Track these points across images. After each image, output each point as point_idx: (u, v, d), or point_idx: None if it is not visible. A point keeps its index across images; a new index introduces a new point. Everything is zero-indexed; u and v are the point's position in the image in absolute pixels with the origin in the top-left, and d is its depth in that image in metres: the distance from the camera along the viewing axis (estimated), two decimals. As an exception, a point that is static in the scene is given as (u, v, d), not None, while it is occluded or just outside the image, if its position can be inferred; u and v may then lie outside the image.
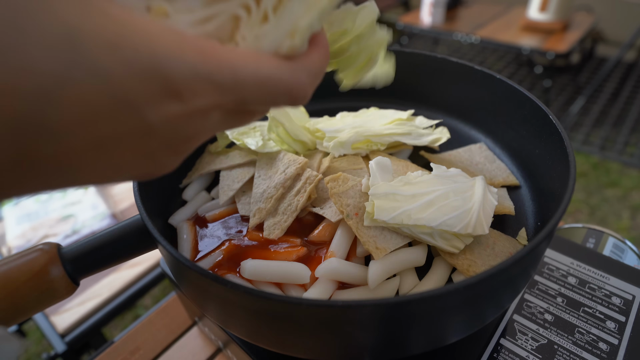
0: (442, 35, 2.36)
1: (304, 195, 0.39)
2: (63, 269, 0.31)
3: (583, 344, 0.39)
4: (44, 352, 0.74)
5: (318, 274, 0.34)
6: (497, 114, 0.49)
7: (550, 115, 0.39)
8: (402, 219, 0.34)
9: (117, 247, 0.33)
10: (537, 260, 0.33)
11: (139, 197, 0.33)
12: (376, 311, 0.25)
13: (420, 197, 0.35)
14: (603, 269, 0.46)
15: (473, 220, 0.34)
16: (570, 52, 2.03)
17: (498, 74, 0.48)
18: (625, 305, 0.43)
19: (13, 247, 0.82)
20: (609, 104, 2.40)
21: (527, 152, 0.45)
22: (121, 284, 0.76)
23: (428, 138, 0.46)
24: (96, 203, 0.91)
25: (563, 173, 0.35)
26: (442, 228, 0.33)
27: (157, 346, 0.51)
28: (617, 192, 1.84)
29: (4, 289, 0.29)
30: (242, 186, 0.43)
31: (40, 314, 0.71)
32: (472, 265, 0.34)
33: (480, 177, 0.38)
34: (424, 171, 0.39)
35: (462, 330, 0.31)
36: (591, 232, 0.55)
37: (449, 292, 0.24)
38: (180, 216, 0.42)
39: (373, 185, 0.37)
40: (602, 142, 2.11)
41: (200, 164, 0.47)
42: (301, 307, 0.25)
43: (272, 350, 0.32)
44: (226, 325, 0.32)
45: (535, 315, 0.42)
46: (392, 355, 0.30)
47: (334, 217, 0.38)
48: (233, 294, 0.26)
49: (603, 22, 2.67)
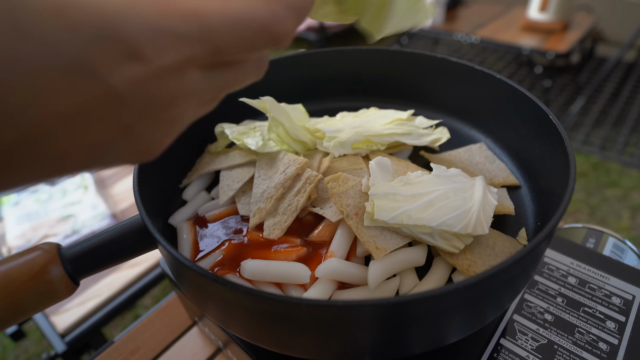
0: (442, 35, 2.36)
1: (304, 195, 0.39)
2: (63, 269, 0.31)
3: (583, 344, 0.39)
4: (44, 352, 0.74)
5: (318, 274, 0.34)
6: (497, 114, 0.49)
7: (550, 115, 0.39)
8: (402, 219, 0.34)
9: (117, 247, 0.33)
10: (537, 260, 0.33)
11: (139, 197, 0.33)
12: (376, 311, 0.25)
13: (420, 197, 0.35)
14: (603, 269, 0.46)
15: (473, 220, 0.34)
16: (570, 52, 2.03)
17: (498, 74, 0.48)
18: (625, 305, 0.43)
19: (13, 247, 0.82)
20: (609, 104, 2.40)
21: (527, 152, 0.45)
22: (121, 284, 0.76)
23: (428, 138, 0.46)
24: (96, 203, 0.91)
25: (563, 173, 0.35)
26: (442, 228, 0.33)
27: (157, 346, 0.51)
28: (617, 192, 1.84)
29: (3, 289, 0.29)
30: (242, 186, 0.43)
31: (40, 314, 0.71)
32: (472, 265, 0.34)
33: (480, 177, 0.38)
34: (424, 171, 0.39)
35: (462, 330, 0.31)
36: (591, 232, 0.55)
37: (449, 292, 0.24)
38: (180, 216, 0.42)
39: (373, 185, 0.37)
40: (602, 142, 2.11)
41: (200, 164, 0.47)
42: (301, 307, 0.25)
43: (272, 350, 0.32)
44: (226, 325, 0.32)
45: (535, 315, 0.42)
46: (392, 355, 0.30)
47: (334, 217, 0.38)
48: (233, 294, 0.26)
49: (603, 22, 2.67)
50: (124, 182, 1.00)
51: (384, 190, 0.36)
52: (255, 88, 0.55)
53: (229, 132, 0.46)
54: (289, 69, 0.56)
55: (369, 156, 0.45)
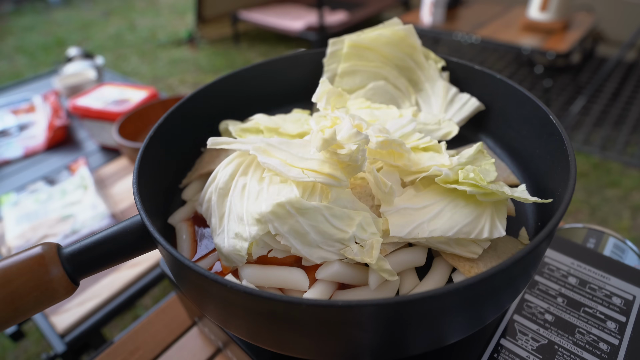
0: (442, 35, 2.36)
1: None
2: (62, 269, 0.31)
3: (583, 344, 0.39)
4: (44, 353, 0.73)
5: (319, 276, 0.34)
6: (497, 113, 0.49)
7: (550, 115, 0.39)
8: (418, 233, 0.33)
9: (116, 248, 0.33)
10: (537, 260, 0.33)
11: (139, 197, 0.33)
12: (377, 311, 0.25)
13: (430, 208, 0.35)
14: (603, 269, 0.46)
15: (487, 224, 0.33)
16: (571, 52, 2.03)
17: (498, 73, 0.48)
18: (626, 306, 0.42)
19: (12, 247, 0.82)
20: (610, 103, 2.40)
21: (527, 152, 0.45)
22: (121, 284, 0.76)
23: (439, 133, 0.46)
24: (96, 203, 0.90)
25: (563, 173, 0.35)
26: (458, 237, 0.33)
27: (157, 346, 0.51)
28: (618, 192, 1.84)
29: (3, 289, 0.29)
30: (242, 186, 0.43)
31: (40, 314, 0.71)
32: (474, 267, 0.34)
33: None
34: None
35: (462, 331, 0.31)
36: (592, 232, 0.55)
37: (449, 292, 0.24)
38: (179, 216, 0.42)
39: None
40: (602, 142, 2.11)
41: (200, 164, 0.47)
42: (301, 307, 0.25)
43: (272, 350, 0.31)
44: (226, 325, 0.32)
45: (536, 316, 0.42)
46: (392, 355, 0.30)
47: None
48: (233, 294, 0.26)
49: (603, 22, 2.67)
50: (124, 182, 1.00)
51: (396, 206, 0.35)
52: (259, 87, 0.55)
53: (233, 130, 0.46)
54: (291, 68, 0.56)
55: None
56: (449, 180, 0.35)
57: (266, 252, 0.35)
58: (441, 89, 0.51)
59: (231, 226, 0.35)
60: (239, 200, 0.35)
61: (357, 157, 0.33)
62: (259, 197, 0.34)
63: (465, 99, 0.51)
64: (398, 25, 0.52)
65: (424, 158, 0.38)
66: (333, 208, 0.33)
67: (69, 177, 1.01)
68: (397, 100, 0.53)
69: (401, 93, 0.53)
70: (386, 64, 0.53)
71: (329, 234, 0.33)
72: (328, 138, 0.33)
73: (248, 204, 0.34)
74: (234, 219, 0.35)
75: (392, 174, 0.38)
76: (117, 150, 1.14)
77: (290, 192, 0.33)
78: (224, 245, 0.34)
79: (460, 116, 0.50)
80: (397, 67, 0.54)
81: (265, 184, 0.35)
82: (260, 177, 0.36)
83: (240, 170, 0.38)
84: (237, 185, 0.36)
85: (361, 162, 0.34)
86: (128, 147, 0.90)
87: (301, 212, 0.32)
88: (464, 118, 0.50)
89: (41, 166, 1.10)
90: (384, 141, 0.36)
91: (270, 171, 0.36)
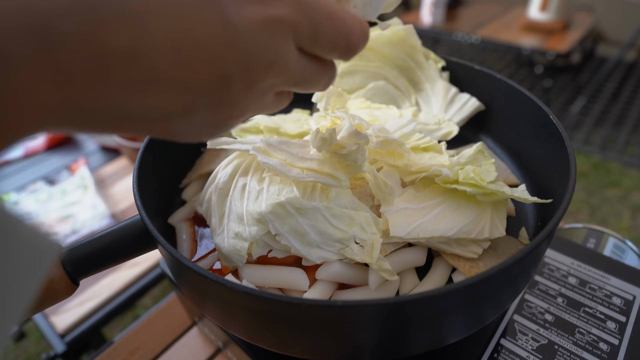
0: (442, 35, 2.36)
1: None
2: (62, 269, 0.31)
3: (583, 345, 0.39)
4: (44, 353, 0.73)
5: (319, 277, 0.34)
6: (497, 113, 0.49)
7: (550, 115, 0.39)
8: (418, 233, 0.33)
9: (116, 247, 0.33)
10: (537, 260, 0.33)
11: (139, 197, 0.33)
12: (377, 311, 0.25)
13: (430, 208, 0.35)
14: (603, 269, 0.46)
15: (487, 224, 0.33)
16: (571, 52, 2.03)
17: (498, 73, 0.48)
18: (626, 306, 0.42)
19: (13, 247, 0.82)
20: (610, 103, 2.40)
21: (527, 152, 0.45)
22: (121, 284, 0.76)
23: (439, 133, 0.46)
24: (96, 203, 0.90)
25: (563, 173, 0.35)
26: (458, 237, 0.33)
27: (157, 346, 0.51)
28: (618, 192, 1.84)
29: (3, 289, 0.29)
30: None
31: (40, 314, 0.71)
32: (474, 267, 0.34)
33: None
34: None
35: (462, 331, 0.31)
36: (592, 232, 0.55)
37: (449, 292, 0.24)
38: (179, 216, 0.42)
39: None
40: (602, 142, 2.11)
41: (200, 164, 0.47)
42: (301, 307, 0.25)
43: (272, 350, 0.31)
44: (226, 325, 0.32)
45: (536, 316, 0.42)
46: (392, 355, 0.30)
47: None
48: (233, 294, 0.26)
49: (603, 22, 2.67)
50: (124, 182, 1.00)
51: (396, 206, 0.35)
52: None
53: (233, 130, 0.46)
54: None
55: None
56: (449, 180, 0.35)
57: (266, 252, 0.35)
58: (441, 89, 0.51)
59: (231, 226, 0.35)
60: (239, 200, 0.35)
61: (357, 157, 0.33)
62: (259, 197, 0.34)
63: (465, 99, 0.51)
64: (398, 25, 0.52)
65: (424, 158, 0.38)
66: (333, 208, 0.33)
67: (69, 177, 1.01)
68: (397, 100, 0.53)
69: (401, 93, 0.53)
70: (386, 63, 0.53)
71: (329, 234, 0.33)
72: (328, 138, 0.33)
73: (248, 204, 0.34)
74: (234, 219, 0.35)
75: (392, 174, 0.38)
76: (117, 150, 1.14)
77: (290, 192, 0.33)
78: (224, 245, 0.34)
79: (460, 116, 0.50)
80: (397, 67, 0.54)
81: (265, 184, 0.35)
82: (260, 177, 0.36)
83: (240, 170, 0.37)
84: (237, 185, 0.36)
85: (361, 162, 0.34)
86: (128, 147, 0.90)
87: (301, 212, 0.32)
88: (464, 118, 0.50)
89: (41, 166, 1.10)
90: (384, 141, 0.36)
91: (270, 171, 0.36)
